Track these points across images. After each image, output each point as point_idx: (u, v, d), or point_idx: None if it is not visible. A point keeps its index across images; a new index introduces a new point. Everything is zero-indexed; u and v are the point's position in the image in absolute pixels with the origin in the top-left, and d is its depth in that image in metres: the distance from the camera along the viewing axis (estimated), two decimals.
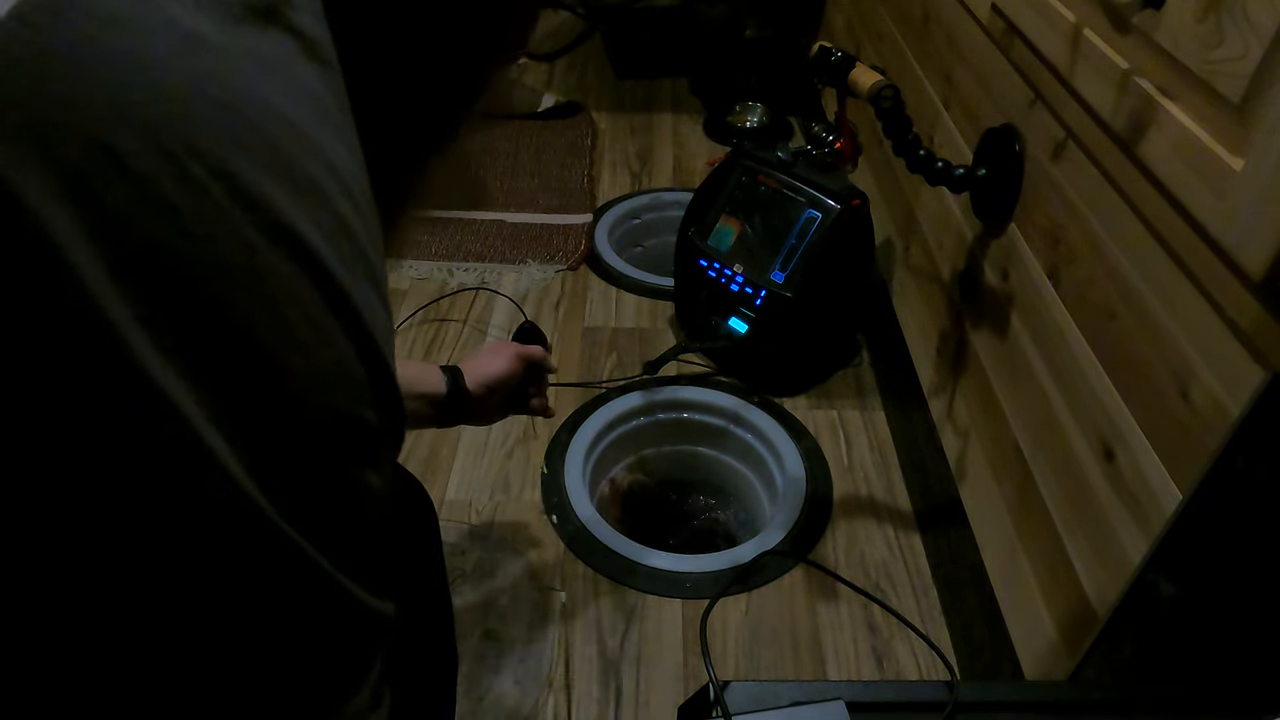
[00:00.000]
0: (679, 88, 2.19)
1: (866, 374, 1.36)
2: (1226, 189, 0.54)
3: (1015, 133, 0.89)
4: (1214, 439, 0.56)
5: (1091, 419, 0.72)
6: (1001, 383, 0.91)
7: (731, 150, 1.33)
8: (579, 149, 1.90)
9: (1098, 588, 0.70)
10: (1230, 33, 0.54)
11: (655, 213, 1.73)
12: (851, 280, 1.30)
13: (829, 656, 0.97)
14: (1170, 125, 0.60)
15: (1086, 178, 0.75)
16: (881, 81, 0.89)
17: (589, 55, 2.36)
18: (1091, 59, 0.71)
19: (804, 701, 0.53)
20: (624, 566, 1.05)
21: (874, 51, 1.52)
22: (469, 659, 0.95)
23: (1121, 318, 0.69)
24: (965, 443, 1.00)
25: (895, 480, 1.19)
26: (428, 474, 1.16)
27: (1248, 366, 0.54)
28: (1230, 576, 0.61)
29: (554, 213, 1.70)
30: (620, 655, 0.96)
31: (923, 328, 1.17)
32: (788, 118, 2.00)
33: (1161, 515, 0.61)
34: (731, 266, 1.26)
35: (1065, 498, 0.77)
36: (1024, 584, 0.83)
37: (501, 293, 1.48)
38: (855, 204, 1.20)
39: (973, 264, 1.00)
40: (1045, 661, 0.78)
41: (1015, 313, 0.88)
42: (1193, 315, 0.59)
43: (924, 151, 0.93)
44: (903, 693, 0.56)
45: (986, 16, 0.96)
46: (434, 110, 0.38)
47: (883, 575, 1.07)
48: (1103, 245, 0.72)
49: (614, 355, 1.36)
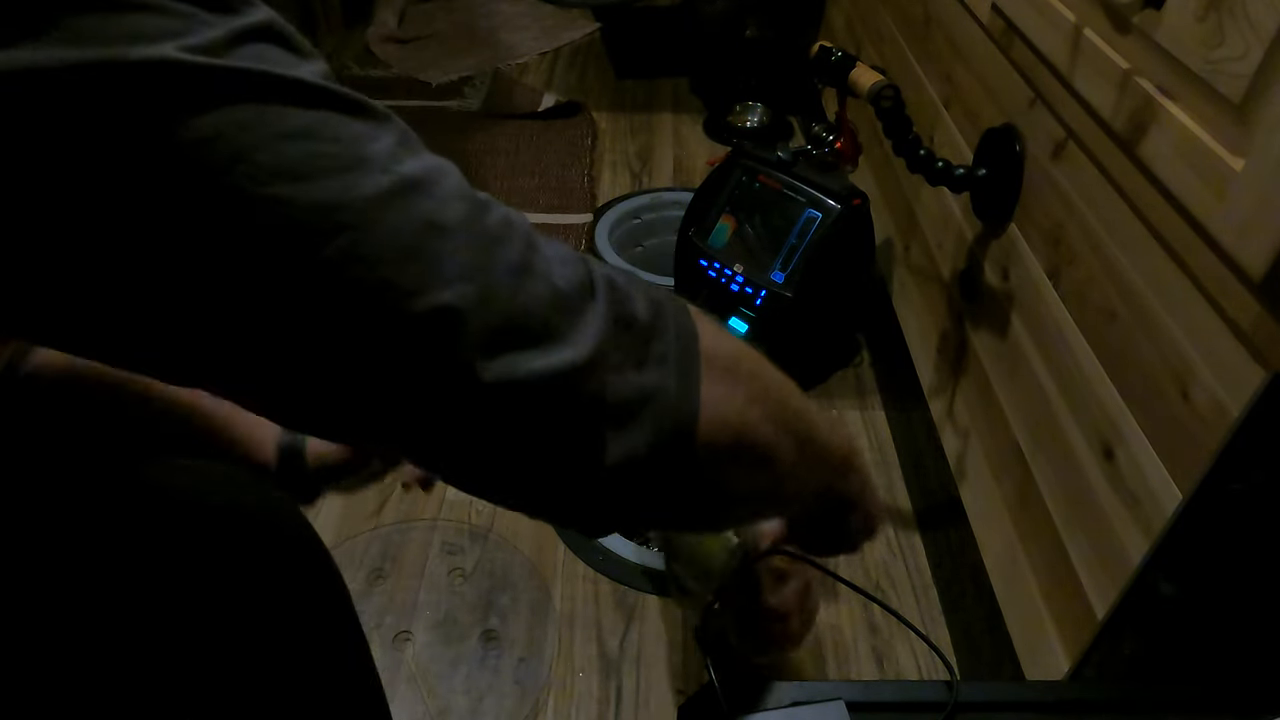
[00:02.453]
0: (679, 88, 2.19)
1: (866, 374, 1.36)
2: (1226, 189, 0.54)
3: (1015, 133, 0.89)
4: (1214, 439, 0.56)
5: (1091, 419, 0.72)
6: (1001, 382, 0.91)
7: (731, 150, 1.33)
8: (579, 149, 1.90)
9: (1097, 587, 0.70)
10: (1230, 32, 0.54)
11: (655, 213, 1.73)
12: (851, 280, 1.30)
13: (829, 656, 0.97)
14: (1170, 125, 0.60)
15: (1086, 178, 0.75)
16: (882, 81, 0.89)
17: (589, 55, 2.36)
18: (1092, 59, 0.71)
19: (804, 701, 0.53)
20: (624, 566, 1.05)
21: (874, 51, 1.52)
22: (469, 659, 0.95)
23: (1121, 318, 0.69)
24: (965, 442, 1.00)
25: (895, 480, 1.19)
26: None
27: (1248, 366, 0.54)
28: (1230, 576, 0.61)
29: (554, 212, 1.70)
30: (620, 655, 0.96)
31: (923, 328, 1.17)
32: (788, 118, 2.00)
33: (1161, 515, 0.61)
34: (731, 266, 1.26)
35: (1065, 497, 0.77)
36: (1024, 584, 0.83)
37: None
38: (855, 204, 1.20)
39: (973, 264, 1.00)
40: (1045, 661, 0.78)
41: (1015, 313, 0.88)
42: (1193, 315, 0.59)
43: (924, 151, 0.93)
44: (903, 693, 0.56)
45: (987, 16, 0.96)
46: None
47: (883, 575, 1.07)
48: (1103, 245, 0.72)
49: None
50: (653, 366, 0.37)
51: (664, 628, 0.99)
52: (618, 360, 0.36)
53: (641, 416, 0.36)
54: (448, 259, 0.31)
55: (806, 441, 0.47)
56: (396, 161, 0.31)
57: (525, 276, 0.33)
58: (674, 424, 0.37)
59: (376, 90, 2.14)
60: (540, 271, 0.34)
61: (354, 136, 0.30)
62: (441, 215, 0.32)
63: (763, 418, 0.43)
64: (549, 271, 0.34)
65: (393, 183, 0.30)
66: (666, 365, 0.37)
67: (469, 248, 0.32)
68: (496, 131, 1.97)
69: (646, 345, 0.37)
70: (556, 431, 0.35)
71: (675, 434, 0.37)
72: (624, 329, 0.36)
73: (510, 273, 0.33)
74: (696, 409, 0.38)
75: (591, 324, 0.35)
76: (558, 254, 0.36)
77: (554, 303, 0.34)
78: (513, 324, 0.33)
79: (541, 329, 0.33)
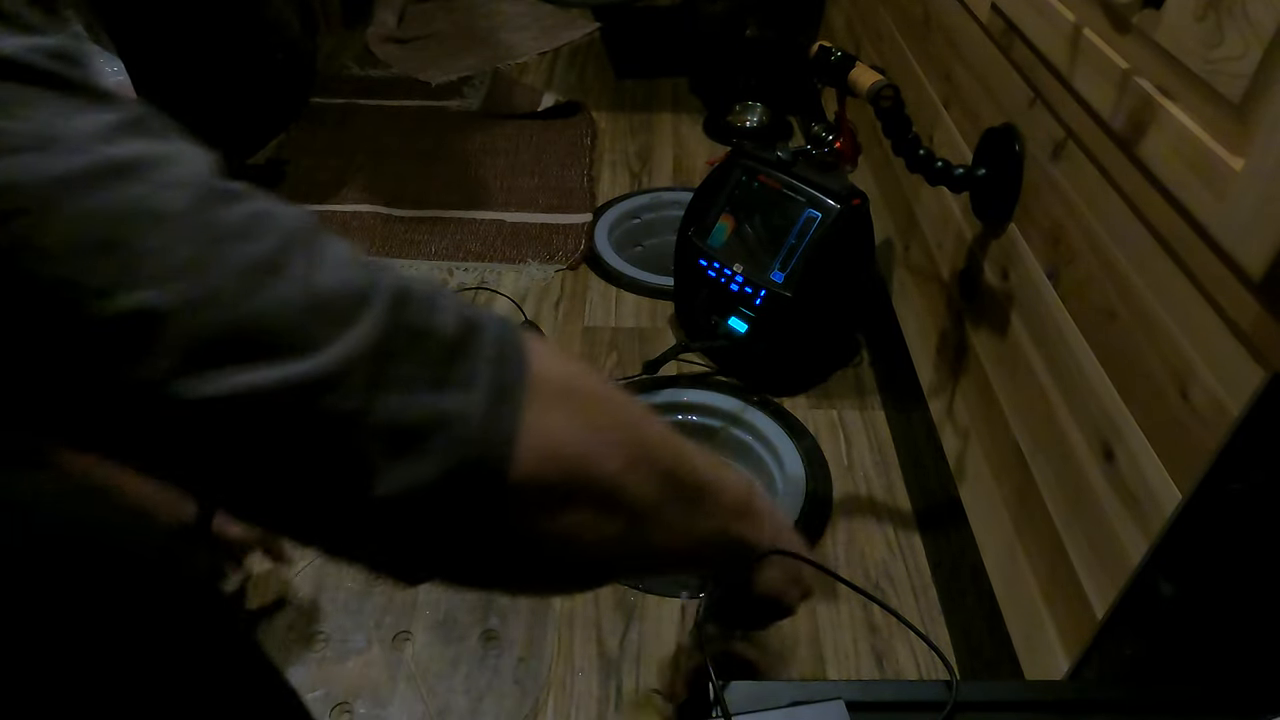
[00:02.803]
0: (679, 88, 2.19)
1: (866, 374, 1.36)
2: (1226, 189, 0.54)
3: (1015, 132, 0.89)
4: (1214, 439, 0.56)
5: (1091, 419, 0.72)
6: (1001, 382, 0.91)
7: (731, 150, 1.33)
8: (579, 149, 1.90)
9: (1097, 587, 0.70)
10: (1230, 32, 0.54)
11: (655, 212, 1.73)
12: (851, 280, 1.30)
13: (829, 656, 0.97)
14: (1170, 125, 0.60)
15: (1086, 178, 0.75)
16: (881, 81, 0.89)
17: (589, 55, 2.36)
18: (1091, 59, 0.71)
19: (804, 701, 0.53)
20: None
21: (874, 51, 1.52)
22: (469, 659, 0.95)
23: (1121, 318, 0.69)
24: (965, 442, 1.00)
25: (895, 480, 1.19)
26: None
27: (1248, 366, 0.54)
28: (1230, 577, 0.61)
29: (554, 212, 1.70)
30: (620, 655, 0.96)
31: (922, 327, 1.17)
32: (788, 118, 2.00)
33: (1161, 515, 0.61)
34: (731, 266, 1.26)
35: (1065, 497, 0.77)
36: (1024, 583, 0.83)
37: (501, 292, 1.48)
38: (855, 204, 1.20)
39: (973, 264, 1.00)
40: (1045, 661, 0.78)
41: (1015, 312, 0.88)
42: (1193, 315, 0.59)
43: (924, 151, 0.93)
44: (902, 692, 0.56)
45: (986, 16, 0.96)
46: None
47: (883, 575, 1.07)
48: (1103, 245, 0.72)
49: (614, 354, 1.36)
50: (455, 388, 0.32)
51: (664, 628, 0.99)
52: (401, 377, 0.31)
53: (429, 444, 0.31)
54: (156, 253, 0.27)
55: (677, 479, 0.41)
56: (104, 142, 0.27)
57: (270, 277, 0.29)
58: (475, 454, 0.32)
59: (376, 90, 2.14)
60: (295, 274, 0.30)
61: (51, 114, 0.27)
62: (155, 203, 0.28)
63: (610, 450, 0.37)
64: (310, 275, 0.30)
65: (91, 163, 0.27)
66: (474, 387, 0.33)
67: (190, 241, 0.28)
68: (496, 131, 1.97)
69: (448, 364, 0.33)
70: (301, 455, 0.30)
71: (477, 466, 0.32)
72: (412, 343, 0.32)
73: (246, 273, 0.29)
74: (510, 438, 0.33)
75: (356, 334, 0.30)
76: (336, 257, 0.32)
77: (309, 308, 0.30)
78: (239, 330, 0.28)
79: (281, 337, 0.29)
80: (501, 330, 0.35)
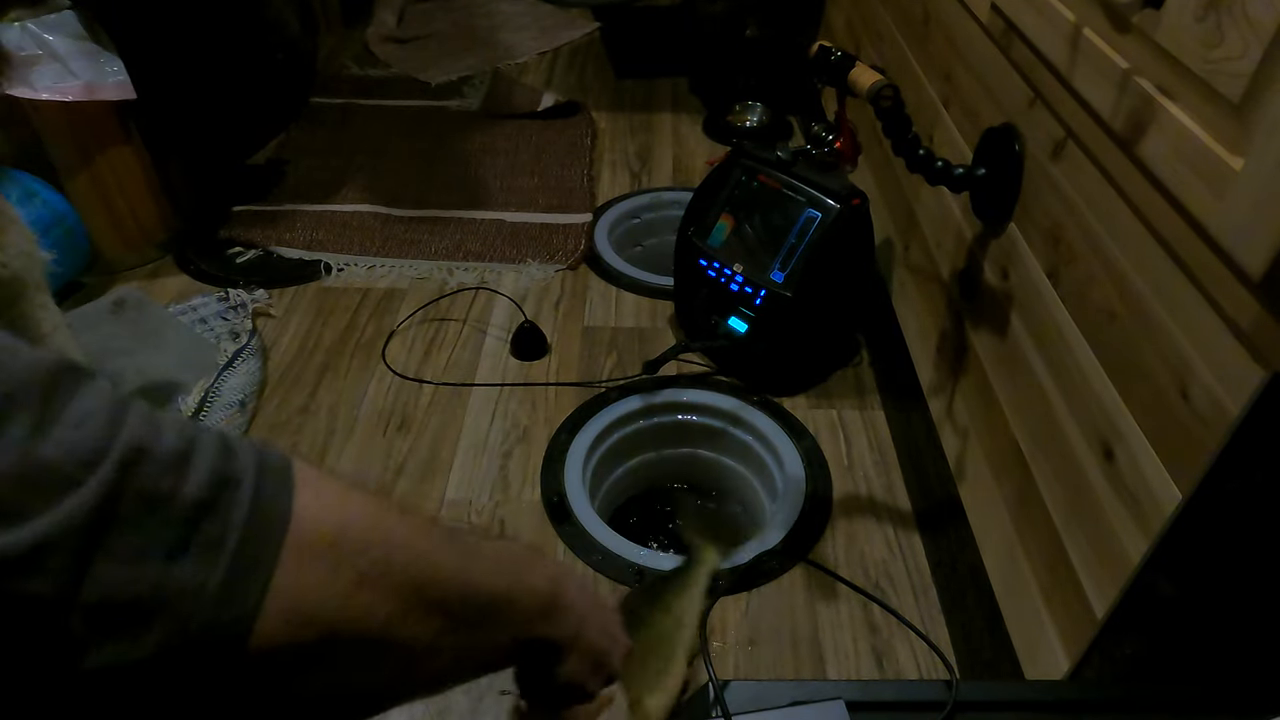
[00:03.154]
0: (679, 87, 2.19)
1: (866, 374, 1.36)
2: (1226, 189, 0.54)
3: (1015, 132, 0.89)
4: (1214, 439, 0.56)
5: (1091, 419, 0.72)
6: (1001, 382, 0.91)
7: (731, 150, 1.33)
8: (579, 148, 1.90)
9: (1097, 587, 0.70)
10: (1230, 32, 0.54)
11: (655, 212, 1.73)
12: (851, 280, 1.30)
13: (829, 656, 0.97)
14: (1170, 125, 0.60)
15: (1086, 178, 0.75)
16: (881, 81, 0.89)
17: (589, 55, 2.36)
18: (1091, 59, 0.71)
19: (804, 701, 0.53)
20: (624, 566, 1.05)
21: (874, 51, 1.52)
22: None
23: (1121, 318, 0.69)
24: (965, 442, 1.00)
25: (895, 480, 1.19)
26: (427, 474, 1.16)
27: (1248, 366, 0.54)
28: (1230, 576, 0.61)
29: (554, 212, 1.70)
30: None
31: (922, 327, 1.17)
32: (788, 117, 2.00)
33: (1161, 515, 0.61)
34: (731, 266, 1.26)
35: (1065, 497, 0.77)
36: (1023, 583, 0.83)
37: (501, 292, 1.48)
38: (855, 203, 1.20)
39: (972, 264, 1.00)
40: (1045, 661, 0.78)
41: (1015, 312, 0.88)
42: (1192, 315, 0.59)
43: (924, 151, 0.93)
44: (902, 692, 0.56)
45: (986, 16, 0.96)
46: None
47: (883, 575, 1.07)
48: (1103, 245, 0.72)
49: (614, 355, 1.36)
50: (192, 556, 0.30)
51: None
52: (122, 548, 0.29)
53: (149, 620, 0.29)
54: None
55: (463, 606, 0.40)
56: None
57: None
58: (204, 626, 0.30)
59: (376, 90, 2.14)
60: (12, 437, 0.28)
61: None
62: None
63: (378, 600, 0.35)
64: (31, 438, 0.28)
65: None
66: (218, 554, 0.31)
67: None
68: (496, 131, 1.97)
69: (191, 527, 0.31)
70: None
71: (205, 638, 0.31)
72: (144, 509, 0.30)
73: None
74: (249, 609, 0.31)
75: (69, 505, 0.28)
76: (77, 414, 0.29)
77: (19, 477, 0.27)
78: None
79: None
80: (260, 483, 0.33)
